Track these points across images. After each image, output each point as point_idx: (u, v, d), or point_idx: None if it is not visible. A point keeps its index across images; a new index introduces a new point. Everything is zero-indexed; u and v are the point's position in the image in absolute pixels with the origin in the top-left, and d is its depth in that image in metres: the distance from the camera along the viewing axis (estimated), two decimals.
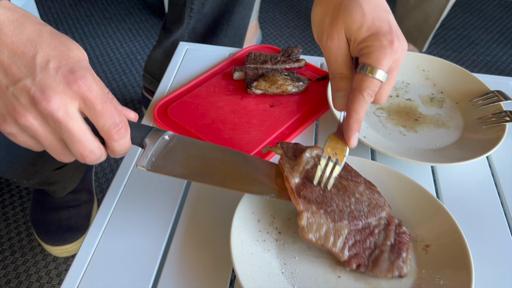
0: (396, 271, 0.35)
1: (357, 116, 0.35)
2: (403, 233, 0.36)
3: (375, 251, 0.35)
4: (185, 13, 0.79)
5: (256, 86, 0.52)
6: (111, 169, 0.91)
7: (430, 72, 0.56)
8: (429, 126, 0.50)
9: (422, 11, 1.01)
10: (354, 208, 0.36)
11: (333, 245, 0.34)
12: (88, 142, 0.29)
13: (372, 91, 0.35)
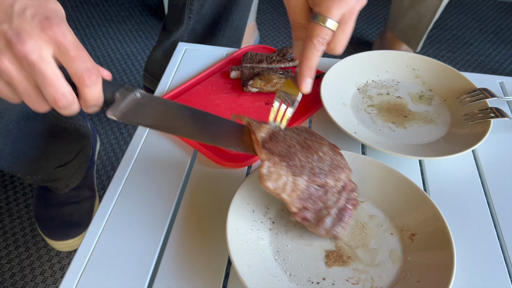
0: (334, 233, 0.37)
1: (308, 63, 0.37)
2: (353, 199, 0.38)
3: (323, 211, 0.37)
4: (185, 14, 0.81)
5: (252, 85, 0.54)
6: (112, 166, 0.93)
7: (420, 71, 0.58)
8: (417, 122, 0.52)
9: (416, 12, 1.03)
10: (316, 165, 0.37)
11: (288, 196, 0.36)
12: (60, 85, 0.30)
13: (323, 39, 0.36)
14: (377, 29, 1.37)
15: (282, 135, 0.39)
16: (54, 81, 0.30)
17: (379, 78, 0.58)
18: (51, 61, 0.30)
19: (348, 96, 0.55)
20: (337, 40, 0.38)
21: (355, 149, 0.49)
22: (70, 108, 0.32)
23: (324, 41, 0.37)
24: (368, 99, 0.55)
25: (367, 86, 0.57)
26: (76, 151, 0.75)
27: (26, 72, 0.30)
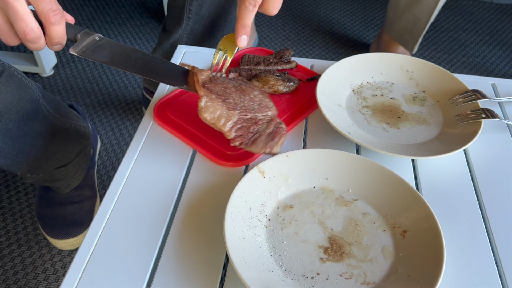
0: (268, 148, 0.43)
1: (242, 22, 0.44)
2: (281, 127, 0.45)
3: (256, 134, 0.44)
4: (184, 15, 0.82)
5: None
6: (113, 166, 0.95)
7: (414, 73, 0.59)
8: (411, 123, 0.54)
9: (411, 14, 1.05)
10: (247, 104, 0.45)
11: (223, 126, 0.43)
12: (29, 21, 0.36)
13: (254, 1, 0.43)
14: (374, 31, 1.39)
15: (221, 79, 0.47)
16: (24, 17, 0.36)
17: (374, 79, 0.59)
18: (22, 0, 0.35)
19: (343, 98, 0.56)
20: (269, 2, 0.44)
21: (349, 149, 0.51)
22: (37, 42, 0.38)
23: (255, 3, 0.43)
24: (363, 100, 0.56)
25: (362, 88, 0.58)
26: (77, 152, 0.76)
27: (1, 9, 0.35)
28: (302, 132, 0.53)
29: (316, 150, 0.46)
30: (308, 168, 0.46)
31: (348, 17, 1.44)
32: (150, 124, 0.53)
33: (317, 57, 1.28)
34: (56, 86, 1.15)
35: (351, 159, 0.45)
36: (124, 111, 1.08)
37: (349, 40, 1.34)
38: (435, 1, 0.98)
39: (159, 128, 0.52)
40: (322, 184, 0.45)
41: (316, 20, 1.42)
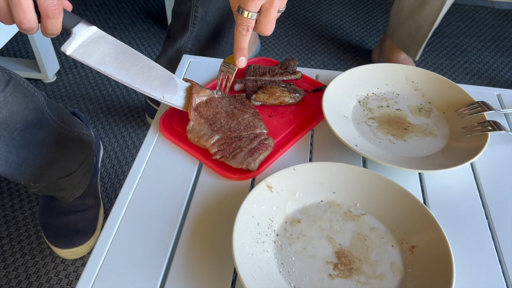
0: (245, 165, 0.46)
1: (238, 45, 0.47)
2: (265, 143, 0.48)
3: (237, 149, 0.47)
4: (190, 21, 0.82)
5: (256, 98, 0.56)
6: (116, 174, 0.94)
7: (419, 84, 0.59)
8: (417, 135, 0.54)
9: (414, 21, 1.05)
10: (233, 126, 0.49)
11: (206, 141, 0.48)
12: (29, 13, 0.38)
13: (246, 26, 0.46)
14: (376, 37, 1.39)
15: (216, 102, 0.51)
16: (25, 9, 0.38)
17: (380, 90, 0.59)
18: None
19: (349, 109, 0.56)
20: (262, 25, 0.46)
21: (356, 161, 0.51)
22: (30, 32, 0.40)
23: (248, 27, 0.46)
24: (369, 111, 0.56)
25: (367, 99, 0.58)
26: (80, 161, 0.76)
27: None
28: (308, 144, 0.53)
29: (323, 164, 0.46)
30: (315, 182, 0.45)
31: (350, 23, 1.45)
32: (156, 136, 0.52)
33: (320, 63, 1.28)
34: (59, 92, 1.15)
35: (359, 173, 0.45)
36: (127, 118, 1.08)
37: (351, 46, 1.34)
38: (438, 9, 0.98)
39: (165, 140, 0.52)
40: (329, 198, 0.45)
41: (318, 26, 1.43)
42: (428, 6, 0.99)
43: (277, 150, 0.50)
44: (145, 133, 1.04)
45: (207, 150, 0.49)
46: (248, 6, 0.44)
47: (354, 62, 1.28)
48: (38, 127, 0.65)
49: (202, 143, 0.48)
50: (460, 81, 1.22)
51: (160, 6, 1.48)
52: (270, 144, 0.49)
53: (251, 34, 1.28)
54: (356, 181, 0.45)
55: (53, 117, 0.69)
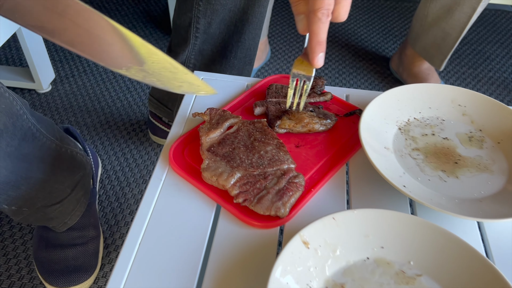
0: (274, 211, 0.39)
1: (317, 38, 0.38)
2: (295, 182, 0.41)
3: (263, 191, 0.40)
4: (191, 34, 0.75)
5: (280, 126, 0.48)
6: (117, 197, 0.86)
7: (467, 108, 0.52)
8: (470, 170, 0.46)
9: (440, 29, 0.97)
10: (255, 161, 0.42)
11: (226, 181, 0.40)
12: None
13: (326, 10, 0.36)
14: (393, 43, 1.31)
15: (232, 138, 0.45)
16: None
17: (422, 115, 0.52)
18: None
19: (389, 138, 0.48)
20: (340, 7, 0.38)
21: (401, 202, 0.43)
22: None
23: (328, 12, 0.37)
24: (412, 141, 0.49)
25: (409, 125, 0.50)
26: (73, 185, 0.66)
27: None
28: (344, 181, 0.45)
29: (368, 212, 0.38)
30: (359, 234, 0.38)
31: (364, 28, 1.37)
32: (165, 171, 0.45)
33: (334, 71, 1.20)
34: (54, 103, 1.07)
35: (411, 223, 0.38)
36: (129, 132, 0.99)
37: (367, 53, 1.26)
38: (468, 16, 0.90)
39: (176, 176, 0.44)
40: (377, 254, 0.37)
41: (331, 30, 1.35)
42: (457, 13, 0.91)
43: (309, 190, 0.43)
44: (148, 150, 0.95)
45: (226, 190, 0.42)
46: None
47: (371, 71, 1.20)
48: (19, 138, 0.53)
49: (221, 183, 0.41)
50: (485, 92, 1.14)
51: (163, 8, 1.39)
52: (301, 183, 0.41)
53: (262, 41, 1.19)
54: (408, 233, 0.38)
55: (40, 128, 0.57)
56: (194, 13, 0.72)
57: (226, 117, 0.47)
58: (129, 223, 0.82)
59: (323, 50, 0.39)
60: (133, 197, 0.86)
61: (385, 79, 1.17)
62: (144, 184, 0.87)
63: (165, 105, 0.86)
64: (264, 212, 0.39)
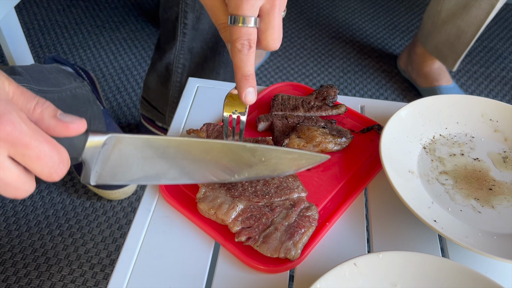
0: (283, 253, 0.33)
1: (241, 71, 0.33)
2: (307, 216, 0.35)
3: (270, 227, 0.34)
4: (178, 30, 0.68)
5: (289, 145, 0.42)
6: (106, 214, 0.80)
7: (499, 123, 0.45)
8: (507, 199, 0.40)
9: (455, 26, 0.90)
10: (260, 189, 0.36)
11: (225, 215, 0.34)
12: (23, 184, 0.26)
13: (246, 40, 0.32)
14: (400, 39, 1.24)
15: None
16: (17, 185, 0.26)
17: (449, 131, 0.45)
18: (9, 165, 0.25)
19: (413, 159, 0.42)
20: (266, 35, 0.33)
21: (430, 237, 0.37)
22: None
23: (249, 42, 0.33)
24: (439, 162, 0.43)
25: (434, 144, 0.44)
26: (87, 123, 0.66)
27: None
28: (363, 212, 0.39)
29: (394, 255, 0.32)
30: (386, 283, 0.32)
31: (370, 23, 1.29)
32: (155, 201, 0.38)
33: (338, 70, 1.13)
34: None
35: (446, 269, 0.32)
36: None
37: (373, 50, 1.20)
38: (486, 12, 0.84)
39: (167, 206, 0.38)
40: None
41: (334, 26, 1.27)
42: (474, 9, 0.85)
43: (323, 225, 0.37)
44: None
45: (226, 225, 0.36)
46: (243, 8, 0.32)
47: (378, 69, 1.13)
48: None
49: (220, 217, 0.35)
50: (498, 93, 1.08)
51: (155, 1, 1.31)
52: (314, 216, 0.35)
53: None
54: (442, 280, 0.32)
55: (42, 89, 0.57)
56: (181, 6, 0.66)
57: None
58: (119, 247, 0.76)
59: (252, 84, 0.34)
60: (125, 216, 0.80)
61: (392, 78, 1.11)
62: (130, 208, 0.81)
63: (156, 108, 0.80)
64: (271, 254, 0.33)
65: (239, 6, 0.32)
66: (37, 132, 0.25)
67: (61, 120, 0.27)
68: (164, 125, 0.84)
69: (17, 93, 0.26)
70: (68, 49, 1.14)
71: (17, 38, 0.93)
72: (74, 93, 0.64)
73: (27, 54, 0.98)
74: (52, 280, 0.70)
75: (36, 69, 0.61)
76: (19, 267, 0.71)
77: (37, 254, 0.73)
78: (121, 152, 0.30)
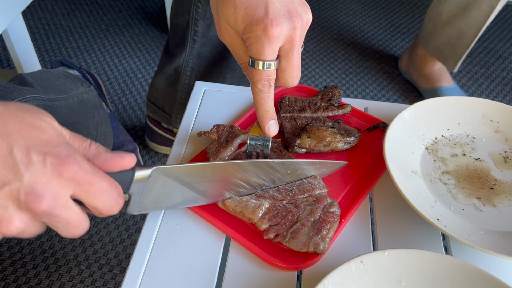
0: (312, 247, 0.34)
1: (262, 108, 0.36)
2: (331, 212, 0.36)
3: (297, 224, 0.36)
4: (189, 36, 0.69)
5: (300, 145, 0.43)
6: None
7: (500, 124, 0.47)
8: (508, 197, 0.41)
9: (455, 28, 0.91)
10: (282, 187, 0.38)
11: (252, 213, 0.36)
12: (82, 223, 0.27)
13: (266, 81, 0.34)
14: (401, 40, 1.25)
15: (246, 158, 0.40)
16: (77, 224, 0.27)
17: (450, 132, 0.47)
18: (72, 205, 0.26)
19: (416, 160, 0.43)
20: (285, 74, 0.35)
21: (433, 234, 0.38)
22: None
23: (269, 82, 0.35)
24: (441, 162, 0.44)
25: (437, 144, 0.45)
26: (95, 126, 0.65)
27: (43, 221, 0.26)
28: (368, 211, 0.40)
29: (399, 253, 0.34)
30: (391, 280, 0.33)
31: (371, 25, 1.31)
32: None
33: (340, 72, 1.14)
34: None
35: (451, 266, 0.33)
36: None
37: (374, 52, 1.21)
38: (486, 14, 0.85)
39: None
40: None
41: (336, 28, 1.29)
42: (474, 11, 0.86)
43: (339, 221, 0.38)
44: (145, 158, 0.90)
45: (236, 220, 0.37)
46: (264, 54, 0.33)
47: (379, 71, 1.14)
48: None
49: (246, 215, 0.36)
50: (499, 94, 1.09)
51: (159, 5, 1.32)
52: (337, 212, 0.37)
53: None
54: (447, 277, 0.33)
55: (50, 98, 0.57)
56: (192, 15, 0.67)
57: (235, 133, 0.42)
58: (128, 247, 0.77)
59: (273, 117, 0.37)
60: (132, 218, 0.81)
61: (394, 79, 1.12)
62: None
63: (162, 109, 0.81)
64: (300, 249, 0.34)
65: (260, 51, 0.32)
66: (96, 170, 0.27)
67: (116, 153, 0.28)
68: (169, 126, 0.85)
69: (72, 136, 0.28)
70: (73, 53, 1.15)
71: (24, 42, 0.94)
72: (81, 98, 0.65)
73: (33, 59, 1.00)
74: (61, 280, 0.71)
75: (43, 76, 0.62)
76: (29, 268, 0.72)
77: (46, 255, 0.74)
78: (163, 181, 0.32)
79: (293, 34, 0.33)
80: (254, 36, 0.32)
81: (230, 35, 0.35)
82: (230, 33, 0.34)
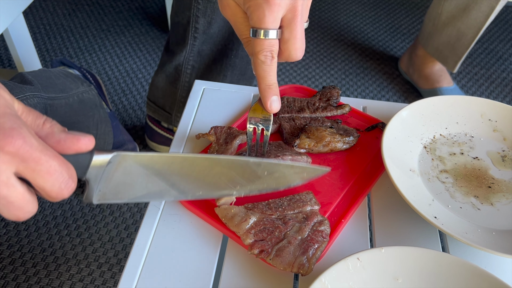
0: (296, 268, 0.33)
1: (265, 81, 0.34)
2: (320, 231, 0.35)
3: (283, 241, 0.34)
4: (189, 34, 0.70)
5: (300, 145, 0.43)
6: (114, 217, 0.82)
7: (498, 123, 0.47)
8: (506, 196, 0.41)
9: (455, 29, 0.92)
10: (272, 202, 0.37)
11: (237, 227, 0.35)
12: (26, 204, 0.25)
13: (268, 52, 0.33)
14: (401, 41, 1.26)
15: None
16: (20, 205, 0.25)
17: (449, 131, 0.47)
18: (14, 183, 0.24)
19: (414, 159, 0.44)
20: (288, 45, 0.34)
21: (430, 233, 0.38)
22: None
23: (272, 53, 0.33)
24: (439, 161, 0.44)
25: (435, 143, 0.45)
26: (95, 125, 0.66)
27: None
28: (366, 211, 0.40)
29: (396, 250, 0.34)
30: (388, 277, 0.33)
31: (371, 26, 1.31)
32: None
33: (340, 72, 1.14)
34: None
35: (447, 263, 0.33)
36: None
37: (374, 52, 1.21)
38: (485, 15, 0.85)
39: (176, 203, 0.39)
40: None
41: (336, 28, 1.29)
42: (474, 12, 0.86)
43: (339, 221, 0.38)
44: None
45: None
46: (265, 21, 0.32)
47: (379, 71, 1.15)
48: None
49: (232, 228, 0.35)
50: (499, 95, 1.09)
51: (160, 5, 1.33)
52: (326, 231, 0.36)
53: None
54: (443, 274, 0.33)
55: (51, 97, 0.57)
56: (193, 11, 0.67)
57: (234, 134, 0.42)
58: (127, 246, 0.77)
59: (276, 93, 0.35)
60: (132, 216, 0.81)
61: (394, 80, 1.12)
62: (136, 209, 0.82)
63: (162, 108, 0.81)
64: (284, 268, 0.33)
65: (261, 19, 0.32)
66: (46, 147, 0.24)
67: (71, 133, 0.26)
68: (170, 125, 0.85)
69: (26, 111, 0.25)
70: (74, 53, 1.16)
71: (25, 42, 0.95)
72: (81, 98, 0.65)
73: (34, 58, 1.00)
74: (60, 279, 0.71)
75: (44, 75, 0.62)
76: (28, 266, 0.72)
77: (46, 253, 0.74)
78: (125, 170, 0.29)
79: (295, 3, 0.32)
80: (254, 4, 0.31)
81: (232, 8, 0.34)
82: (232, 6, 0.34)
